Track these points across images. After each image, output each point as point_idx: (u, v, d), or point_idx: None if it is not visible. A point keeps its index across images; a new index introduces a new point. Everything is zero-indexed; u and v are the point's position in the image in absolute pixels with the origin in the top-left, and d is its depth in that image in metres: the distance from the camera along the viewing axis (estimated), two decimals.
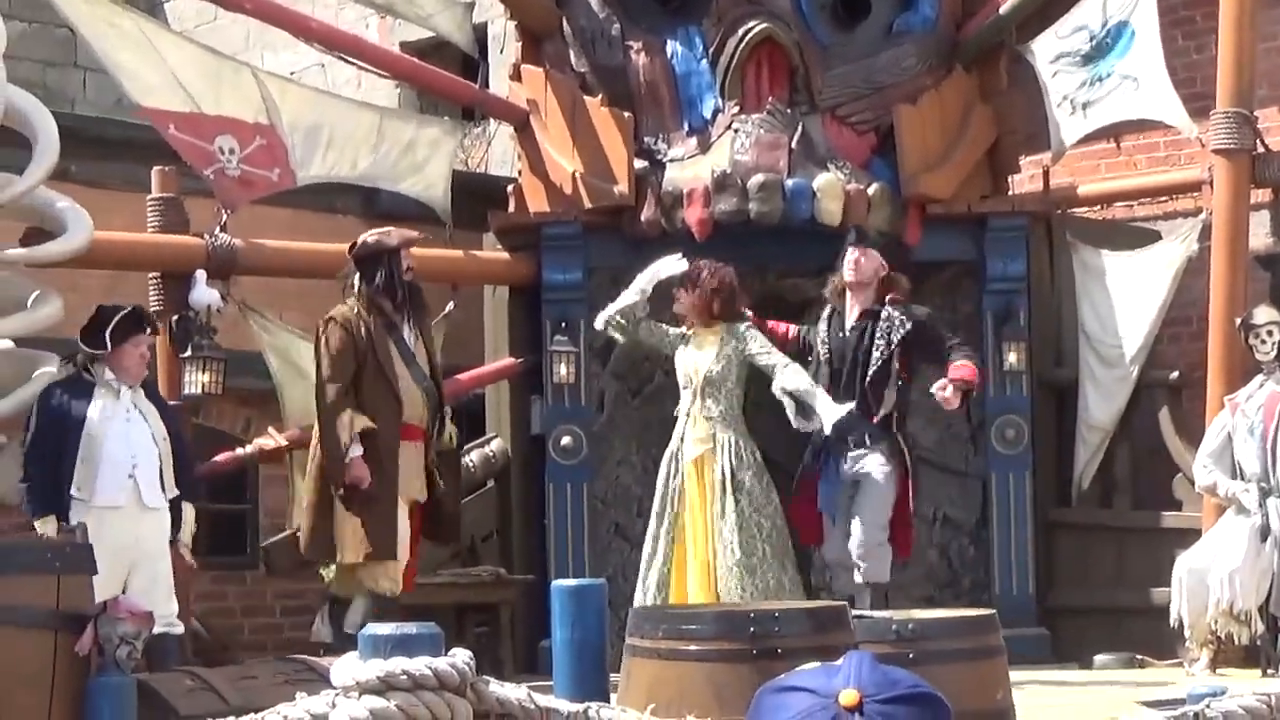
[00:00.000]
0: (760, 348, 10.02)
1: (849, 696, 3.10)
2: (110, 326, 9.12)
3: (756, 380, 10.12)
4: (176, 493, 9.33)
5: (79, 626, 6.91)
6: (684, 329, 10.20)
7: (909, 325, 10.01)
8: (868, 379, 9.95)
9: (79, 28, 10.78)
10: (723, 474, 9.84)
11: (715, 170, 11.53)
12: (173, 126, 10.80)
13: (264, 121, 11.17)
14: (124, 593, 8.35)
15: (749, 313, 10.24)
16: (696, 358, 10.03)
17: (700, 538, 9.78)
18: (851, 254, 10.13)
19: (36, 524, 8.97)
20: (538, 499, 11.81)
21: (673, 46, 11.99)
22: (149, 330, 9.44)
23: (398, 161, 11.78)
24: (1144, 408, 12.04)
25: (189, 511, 9.49)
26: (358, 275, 9.56)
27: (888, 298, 10.09)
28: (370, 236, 9.68)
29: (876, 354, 9.96)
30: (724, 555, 9.73)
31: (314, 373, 9.51)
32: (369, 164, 11.67)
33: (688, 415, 10.02)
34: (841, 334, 10.10)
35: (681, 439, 10.00)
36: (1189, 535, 11.01)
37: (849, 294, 10.17)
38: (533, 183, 12.15)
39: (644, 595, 9.82)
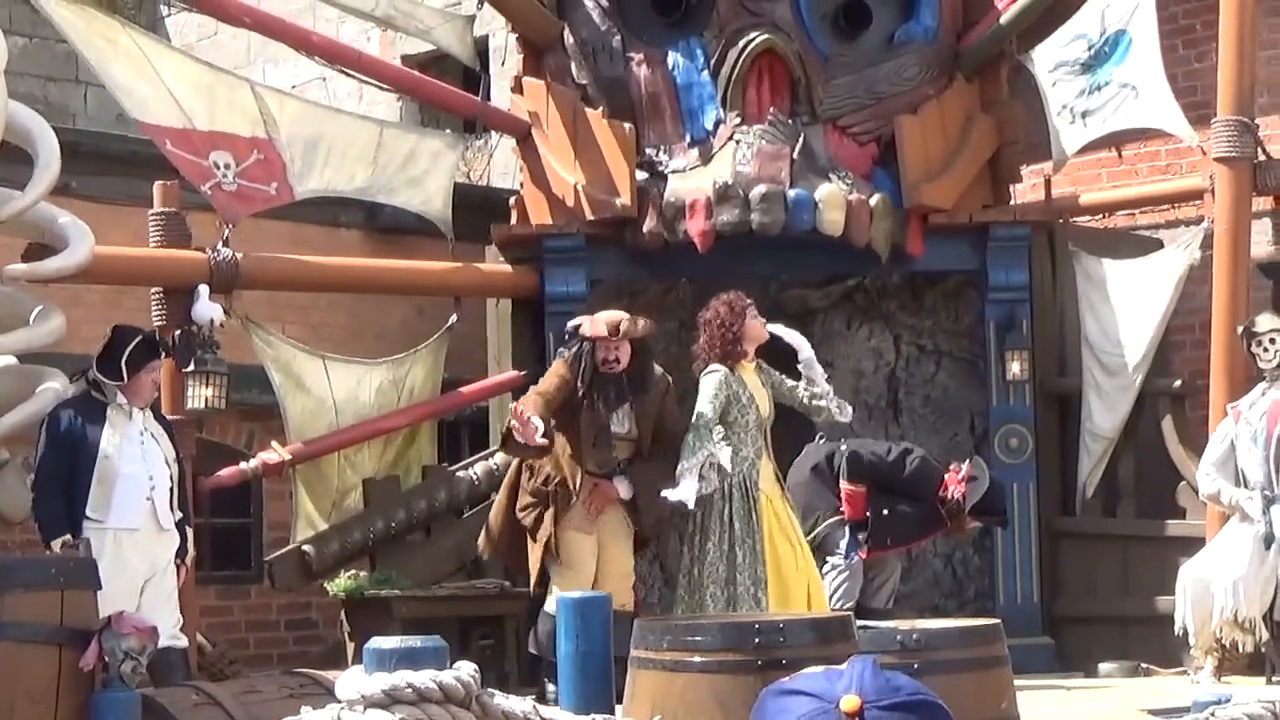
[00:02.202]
0: (778, 374, 9.92)
1: (850, 702, 3.14)
2: (125, 355, 9.11)
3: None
4: (181, 514, 9.35)
5: (83, 641, 6.91)
6: (724, 369, 9.65)
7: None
8: None
9: (76, 44, 10.77)
10: (789, 511, 9.80)
11: (717, 181, 11.53)
12: (169, 142, 10.81)
13: (261, 136, 11.18)
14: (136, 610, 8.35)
15: None
16: (762, 399, 9.77)
17: (799, 561, 9.68)
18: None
19: (53, 545, 8.93)
20: None
21: (674, 58, 11.99)
22: (162, 355, 9.46)
23: (396, 175, 11.78)
24: (1147, 416, 12.03)
25: (189, 531, 9.50)
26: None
27: None
28: (573, 321, 9.87)
29: None
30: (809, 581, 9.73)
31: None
32: (367, 178, 11.68)
33: (759, 456, 9.80)
34: None
35: (751, 477, 9.66)
36: (1193, 543, 11.00)
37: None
38: (535, 195, 12.15)
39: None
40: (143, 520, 9.08)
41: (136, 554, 8.99)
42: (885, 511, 10.40)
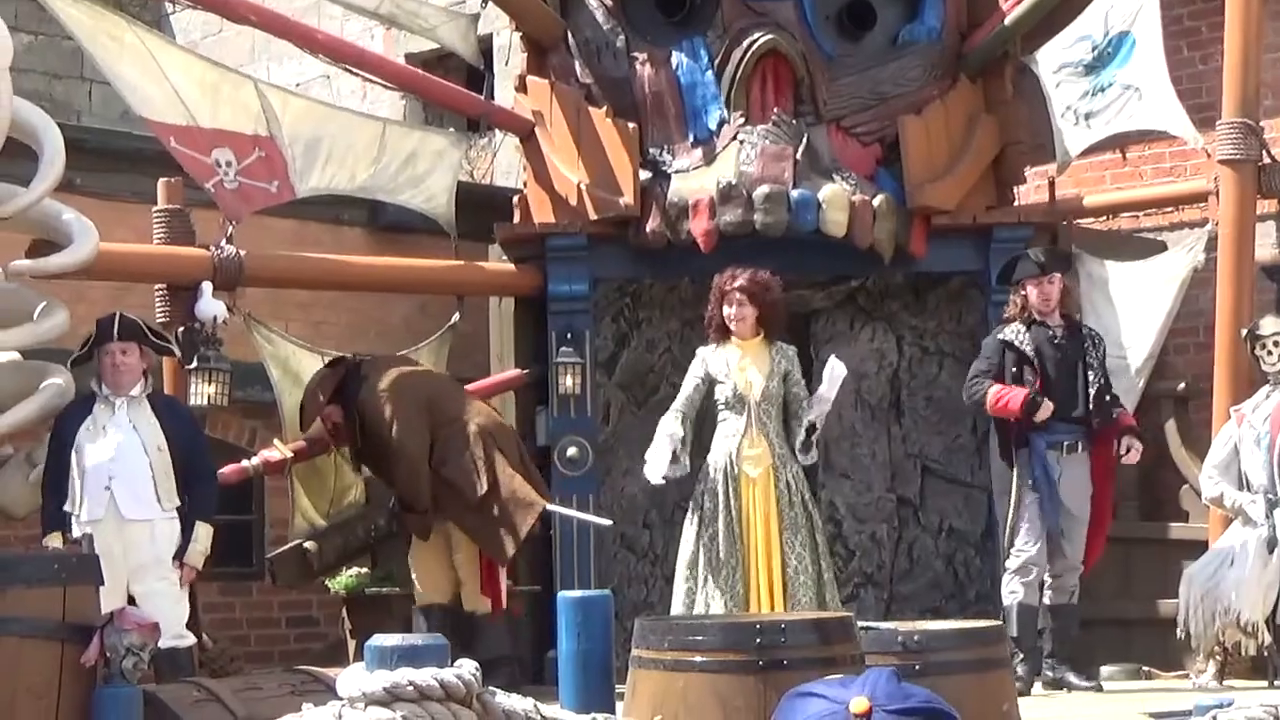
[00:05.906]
0: (799, 374, 10.09)
1: (859, 704, 3.24)
2: (88, 339, 9.20)
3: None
4: (177, 503, 9.30)
5: (85, 637, 6.91)
6: (706, 347, 10.21)
7: (1102, 345, 10.62)
8: (1089, 388, 10.36)
9: (81, 41, 10.78)
10: (789, 489, 9.86)
11: (720, 181, 11.52)
12: (173, 139, 10.81)
13: (263, 134, 11.16)
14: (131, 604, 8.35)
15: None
16: (749, 375, 9.93)
17: (769, 554, 9.73)
18: (1040, 285, 10.50)
19: (45, 542, 8.96)
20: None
21: (678, 58, 11.98)
22: (118, 337, 9.34)
23: (398, 174, 11.77)
24: (1151, 419, 12.01)
25: (200, 529, 9.44)
26: None
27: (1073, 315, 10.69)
28: None
29: (1093, 370, 10.43)
30: (800, 571, 9.75)
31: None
32: (368, 176, 11.66)
33: (743, 433, 9.94)
34: (1056, 346, 10.44)
35: (733, 455, 9.94)
36: (1196, 546, 10.99)
37: (1037, 311, 10.50)
38: (538, 194, 12.14)
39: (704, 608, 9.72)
40: (102, 511, 9.06)
41: (101, 546, 8.94)
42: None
